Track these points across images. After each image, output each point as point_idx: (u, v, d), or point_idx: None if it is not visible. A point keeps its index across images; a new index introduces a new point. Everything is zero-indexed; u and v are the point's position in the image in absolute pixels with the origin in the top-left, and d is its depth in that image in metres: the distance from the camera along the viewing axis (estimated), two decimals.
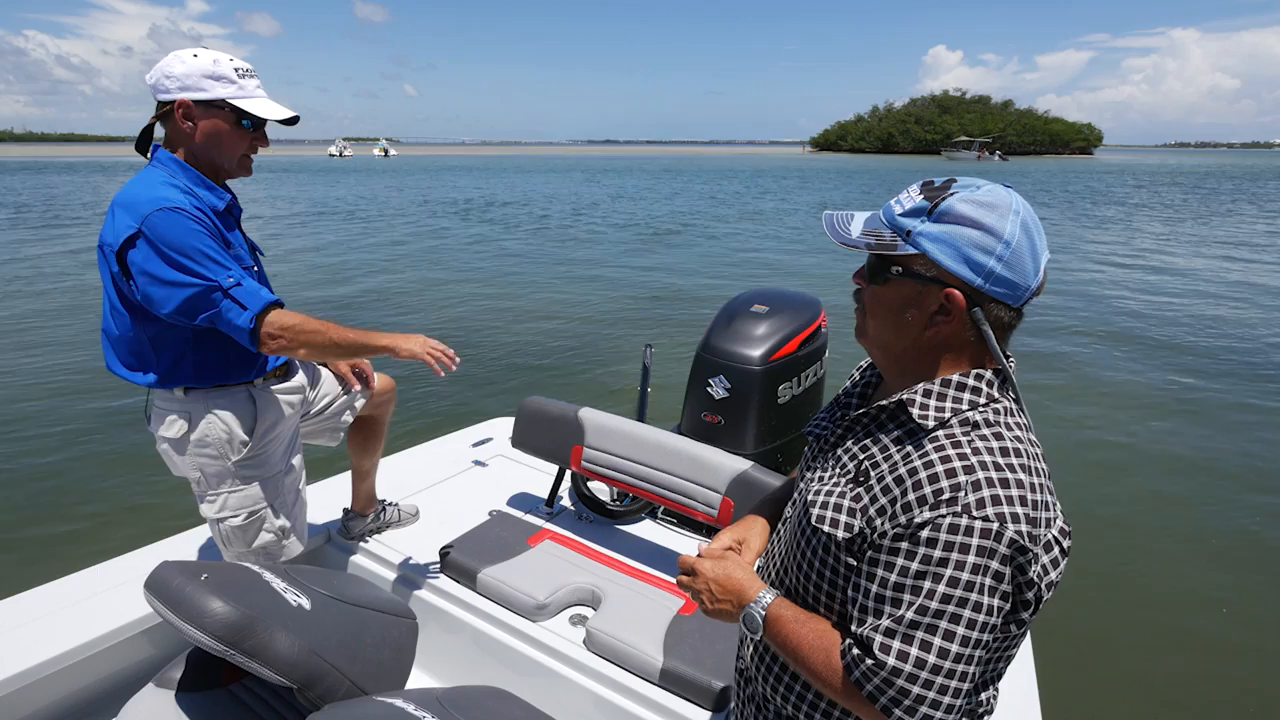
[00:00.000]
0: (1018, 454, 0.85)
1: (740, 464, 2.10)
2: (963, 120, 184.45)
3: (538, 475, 2.82)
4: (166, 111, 1.63)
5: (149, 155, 1.68)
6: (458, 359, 1.78)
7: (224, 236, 1.64)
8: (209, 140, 1.65)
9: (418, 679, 2.04)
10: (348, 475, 2.34)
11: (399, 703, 1.14)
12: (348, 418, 2.14)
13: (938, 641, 0.81)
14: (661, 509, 2.58)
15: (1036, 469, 0.86)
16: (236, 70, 1.64)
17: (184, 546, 2.23)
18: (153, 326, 1.62)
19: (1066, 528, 0.91)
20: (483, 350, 7.51)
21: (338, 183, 38.75)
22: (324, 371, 2.07)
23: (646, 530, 2.49)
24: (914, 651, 0.82)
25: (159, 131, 1.69)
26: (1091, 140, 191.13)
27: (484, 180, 42.29)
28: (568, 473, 2.54)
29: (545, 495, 2.60)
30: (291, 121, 1.75)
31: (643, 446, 2.24)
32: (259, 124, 1.70)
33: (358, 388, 2.12)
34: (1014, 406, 0.91)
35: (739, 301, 3.00)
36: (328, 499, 2.48)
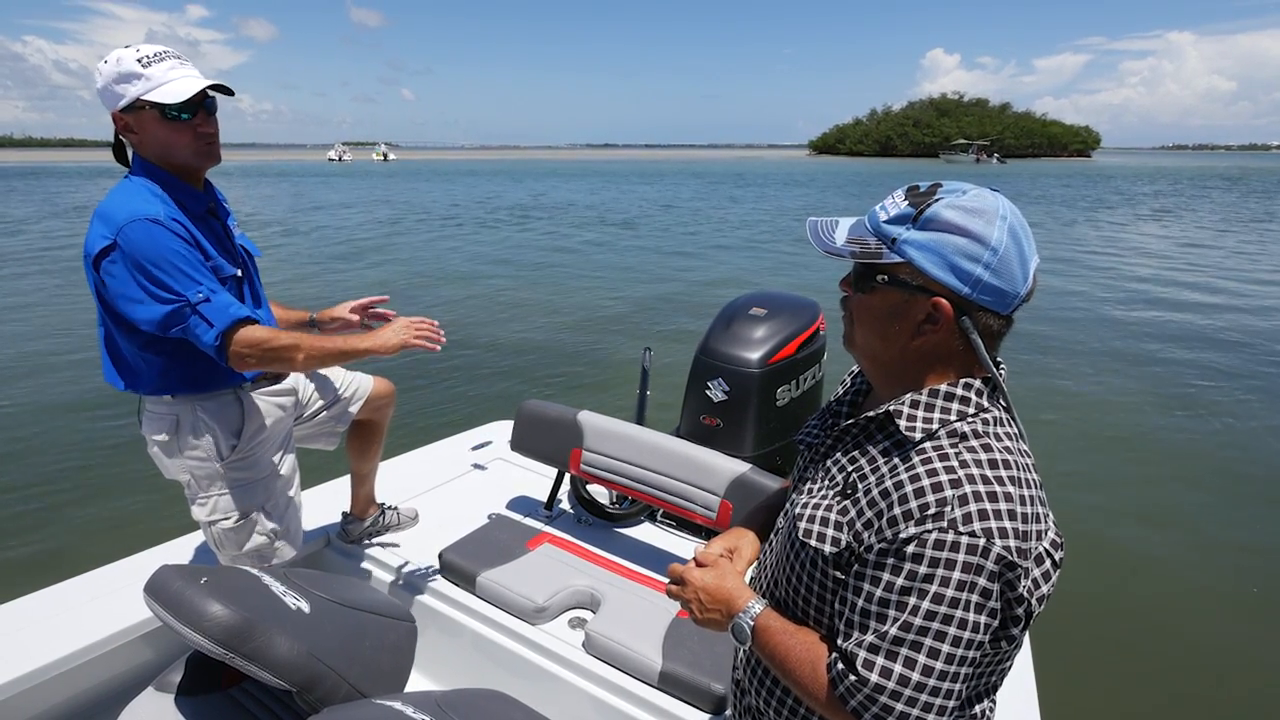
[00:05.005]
0: (1007, 466, 0.84)
1: (739, 466, 2.11)
2: (961, 123, 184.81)
3: (537, 478, 2.82)
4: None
5: (129, 164, 1.65)
6: (441, 332, 1.73)
7: (201, 246, 1.60)
8: (152, 142, 1.58)
9: (417, 682, 2.04)
10: (347, 479, 2.35)
11: (398, 705, 1.14)
12: (343, 423, 2.14)
13: (922, 659, 0.80)
14: (660, 512, 2.59)
15: (1027, 480, 0.85)
16: (141, 60, 1.52)
17: (184, 550, 2.23)
18: (138, 337, 1.60)
19: (1059, 539, 0.89)
20: (482, 353, 7.52)
21: (382, 187, 39.26)
22: (318, 376, 2.07)
23: (645, 533, 2.49)
24: (897, 669, 0.81)
25: None
26: (1089, 143, 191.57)
27: (526, 186, 42.20)
28: (567, 476, 2.54)
29: (544, 498, 2.61)
30: (221, 90, 1.59)
31: (641, 449, 2.25)
32: (191, 110, 1.55)
33: (357, 321, 2.00)
34: (1004, 416, 0.90)
35: (737, 304, 3.01)
36: (327, 502, 2.49)
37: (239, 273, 1.74)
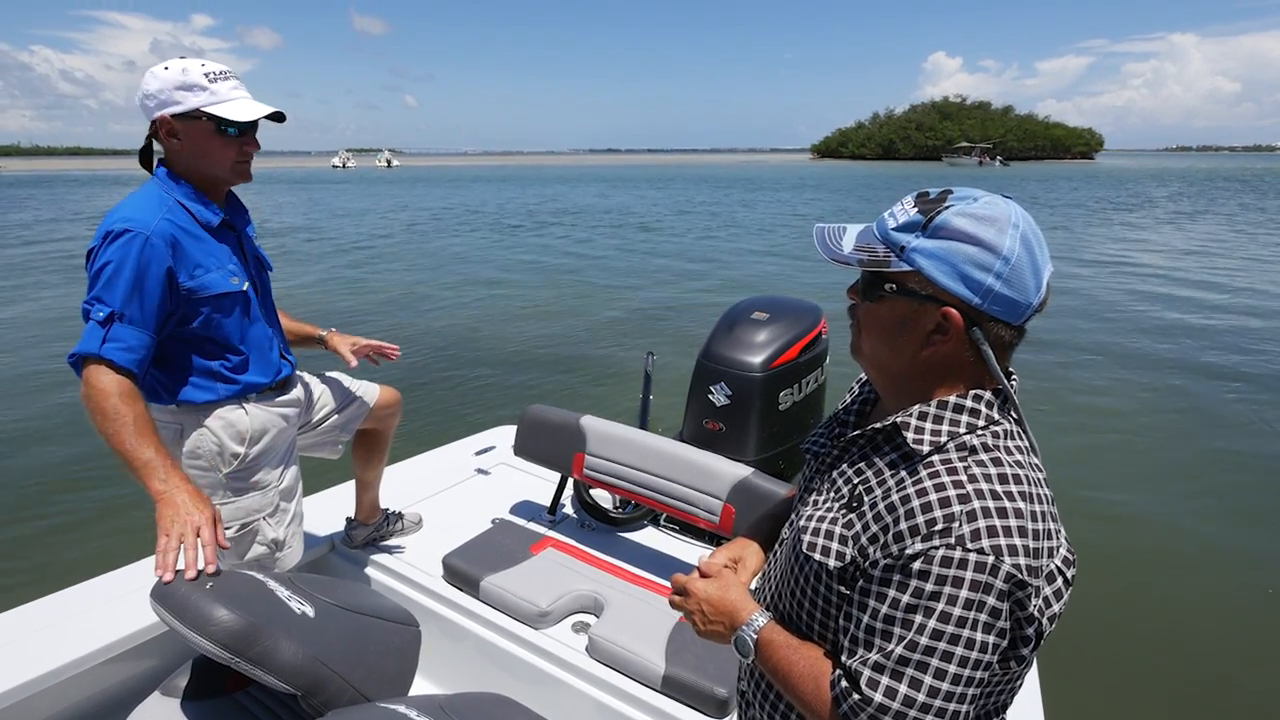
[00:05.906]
0: (1017, 480, 0.81)
1: (742, 471, 2.11)
2: (963, 126, 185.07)
3: (540, 483, 2.83)
4: (155, 130, 1.63)
5: (153, 170, 1.68)
6: (211, 566, 1.37)
7: (189, 259, 1.59)
8: (196, 152, 1.62)
9: (420, 686, 2.05)
10: (352, 484, 2.36)
11: (402, 709, 1.15)
12: (348, 432, 2.14)
13: (928, 680, 0.78)
14: (664, 516, 2.59)
15: (1038, 495, 0.82)
16: (208, 75, 1.58)
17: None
18: None
19: (1071, 556, 0.87)
20: (486, 358, 7.53)
21: (387, 193, 39.65)
22: (324, 385, 2.07)
23: (649, 537, 2.49)
24: (902, 689, 0.79)
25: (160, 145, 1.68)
26: (1092, 145, 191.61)
27: (533, 191, 42.11)
28: (570, 480, 2.55)
29: (548, 503, 2.61)
30: (277, 118, 1.68)
31: (644, 454, 2.25)
32: (243, 128, 1.64)
33: (354, 364, 2.09)
34: (1015, 429, 0.87)
35: (739, 309, 3.01)
36: (332, 508, 2.49)
37: (245, 287, 1.73)
